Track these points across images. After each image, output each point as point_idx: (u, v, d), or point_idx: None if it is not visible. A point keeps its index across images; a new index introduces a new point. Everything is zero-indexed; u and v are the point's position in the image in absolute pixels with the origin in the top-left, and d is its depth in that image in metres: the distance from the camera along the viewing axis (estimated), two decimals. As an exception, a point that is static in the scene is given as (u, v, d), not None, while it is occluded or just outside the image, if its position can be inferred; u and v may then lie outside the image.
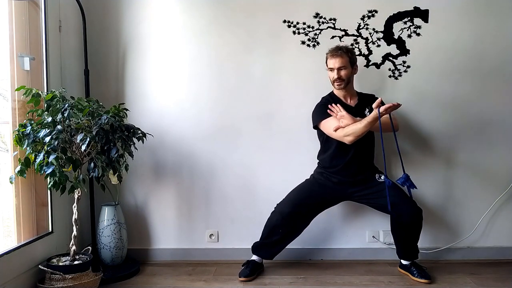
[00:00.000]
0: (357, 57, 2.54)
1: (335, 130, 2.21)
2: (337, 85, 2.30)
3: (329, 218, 2.63)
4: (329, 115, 2.28)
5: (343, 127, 2.19)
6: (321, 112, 2.32)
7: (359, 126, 2.13)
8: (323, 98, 2.41)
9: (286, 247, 2.49)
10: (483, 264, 2.53)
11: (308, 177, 2.45)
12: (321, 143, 2.42)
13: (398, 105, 2.06)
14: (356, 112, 2.29)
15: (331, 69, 2.30)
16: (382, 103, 2.08)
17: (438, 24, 2.53)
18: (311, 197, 2.35)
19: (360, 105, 2.34)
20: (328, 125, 2.26)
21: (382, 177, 2.32)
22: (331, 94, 2.40)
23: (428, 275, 2.28)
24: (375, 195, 2.28)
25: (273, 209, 2.40)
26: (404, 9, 2.53)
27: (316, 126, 2.35)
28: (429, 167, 2.59)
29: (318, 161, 2.45)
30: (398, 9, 2.53)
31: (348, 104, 2.35)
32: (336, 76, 2.28)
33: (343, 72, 2.27)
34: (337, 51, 2.28)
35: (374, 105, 2.09)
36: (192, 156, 2.63)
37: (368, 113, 2.28)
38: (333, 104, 2.29)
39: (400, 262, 2.41)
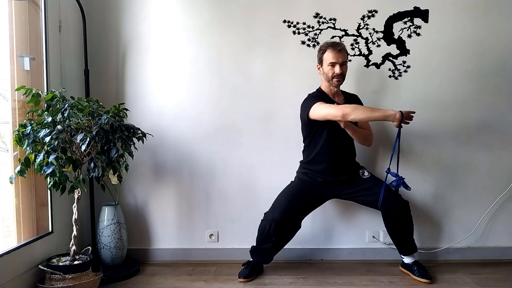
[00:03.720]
0: (357, 57, 2.57)
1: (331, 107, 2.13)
2: (337, 81, 2.24)
3: (329, 218, 2.63)
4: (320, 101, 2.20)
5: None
6: (312, 101, 2.22)
7: (367, 109, 2.10)
8: (311, 93, 2.34)
9: (286, 247, 2.50)
10: (483, 264, 2.53)
11: (293, 180, 2.44)
12: (306, 138, 2.35)
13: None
14: None
15: (333, 64, 2.21)
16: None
17: (438, 24, 2.53)
18: (300, 200, 2.33)
19: (347, 103, 2.30)
20: (321, 106, 2.15)
21: (366, 173, 2.33)
22: (320, 90, 2.34)
23: (429, 275, 2.28)
24: (362, 192, 2.28)
25: (263, 217, 2.36)
26: (404, 9, 2.53)
27: (307, 117, 2.22)
28: (429, 167, 2.59)
29: (301, 160, 2.42)
30: (398, 9, 2.53)
31: (336, 102, 2.31)
32: (339, 72, 2.21)
33: (344, 68, 2.24)
34: (339, 45, 2.23)
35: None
36: (192, 156, 2.63)
37: None
38: None
39: (402, 261, 2.41)
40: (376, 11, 2.54)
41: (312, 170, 2.34)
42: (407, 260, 2.38)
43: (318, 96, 2.29)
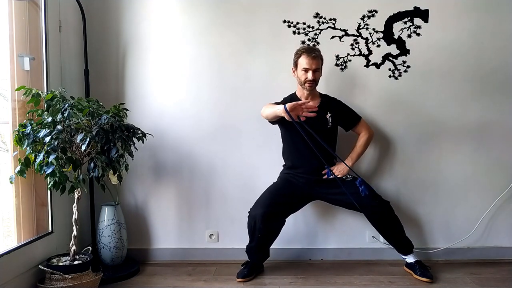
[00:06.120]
0: (357, 57, 2.57)
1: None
2: (309, 86, 2.28)
3: (329, 218, 2.63)
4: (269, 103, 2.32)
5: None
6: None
7: (270, 107, 2.20)
8: (284, 98, 2.41)
9: (286, 247, 2.50)
10: (483, 264, 2.53)
11: (276, 180, 2.45)
12: (283, 142, 2.44)
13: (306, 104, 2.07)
14: (317, 113, 2.16)
15: (306, 70, 2.25)
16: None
17: (438, 24, 2.53)
18: (283, 195, 2.34)
19: (322, 107, 2.32)
20: (264, 108, 2.30)
21: (348, 175, 2.33)
22: (293, 95, 2.40)
23: (430, 274, 2.28)
24: (344, 195, 2.27)
25: (248, 214, 2.36)
26: (404, 9, 2.53)
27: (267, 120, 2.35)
28: (429, 167, 2.59)
29: (283, 164, 2.46)
30: (398, 9, 2.53)
31: None
32: (311, 78, 2.25)
33: (317, 74, 2.28)
34: (314, 52, 2.26)
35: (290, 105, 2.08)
36: (192, 156, 2.63)
37: (330, 118, 2.31)
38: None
39: (405, 261, 2.40)
40: (376, 11, 2.54)
41: (293, 172, 2.38)
42: (409, 259, 2.38)
43: (285, 99, 2.38)
